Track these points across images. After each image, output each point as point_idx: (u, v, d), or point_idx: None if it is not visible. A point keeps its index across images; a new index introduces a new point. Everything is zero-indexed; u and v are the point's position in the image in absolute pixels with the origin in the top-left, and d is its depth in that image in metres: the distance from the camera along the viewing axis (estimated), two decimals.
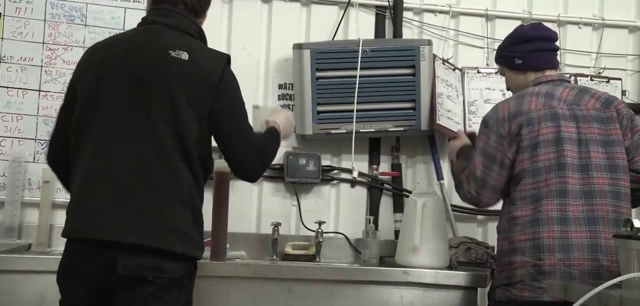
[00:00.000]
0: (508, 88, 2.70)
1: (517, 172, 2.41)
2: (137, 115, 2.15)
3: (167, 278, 2.11)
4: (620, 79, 3.50)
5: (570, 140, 2.39)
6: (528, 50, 2.57)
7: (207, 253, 2.60)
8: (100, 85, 2.18)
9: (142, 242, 2.07)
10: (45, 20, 3.09)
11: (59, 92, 2.99)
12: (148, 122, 2.14)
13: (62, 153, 2.24)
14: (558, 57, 2.66)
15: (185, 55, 2.20)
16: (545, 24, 3.40)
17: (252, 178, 2.42)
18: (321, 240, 3.13)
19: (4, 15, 3.08)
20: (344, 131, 3.18)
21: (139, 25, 2.35)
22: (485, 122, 2.51)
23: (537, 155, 2.38)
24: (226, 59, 2.31)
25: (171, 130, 2.14)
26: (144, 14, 3.08)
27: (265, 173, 3.18)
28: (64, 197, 2.73)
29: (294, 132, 3.20)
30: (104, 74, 2.19)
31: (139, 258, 2.08)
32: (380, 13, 3.37)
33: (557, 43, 2.65)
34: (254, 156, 2.31)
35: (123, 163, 2.11)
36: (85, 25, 3.09)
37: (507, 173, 2.44)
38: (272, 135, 2.42)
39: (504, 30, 3.37)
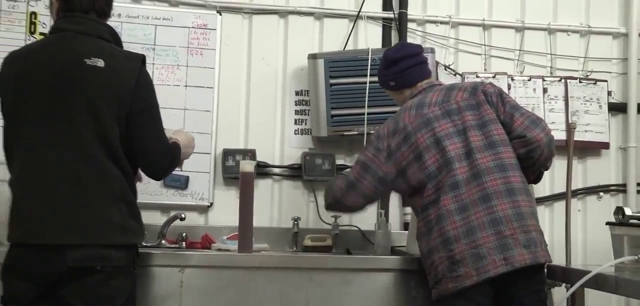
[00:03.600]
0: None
1: (416, 183, 2.47)
2: (60, 125, 2.16)
3: (113, 266, 2.17)
4: (606, 81, 3.61)
5: (448, 135, 2.46)
6: (397, 71, 2.66)
7: (235, 246, 2.72)
8: (20, 99, 2.18)
9: (85, 241, 2.13)
10: None
11: None
12: (72, 130, 2.15)
13: None
14: (430, 66, 2.75)
15: (100, 63, 2.18)
16: (536, 31, 3.59)
17: (159, 175, 2.47)
18: (337, 232, 3.22)
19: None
20: (356, 132, 3.24)
21: (50, 32, 2.31)
22: (369, 138, 2.59)
23: (424, 161, 2.45)
24: (141, 59, 2.30)
25: (95, 134, 2.16)
26: (173, 30, 3.23)
27: (284, 173, 3.35)
28: None
29: (311, 135, 3.32)
30: (23, 87, 2.18)
31: (86, 251, 2.13)
32: (386, 24, 3.48)
33: (424, 54, 2.71)
34: (165, 155, 2.36)
35: (52, 173, 2.14)
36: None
37: (379, 186, 2.53)
38: (176, 146, 2.47)
39: (499, 38, 3.58)
